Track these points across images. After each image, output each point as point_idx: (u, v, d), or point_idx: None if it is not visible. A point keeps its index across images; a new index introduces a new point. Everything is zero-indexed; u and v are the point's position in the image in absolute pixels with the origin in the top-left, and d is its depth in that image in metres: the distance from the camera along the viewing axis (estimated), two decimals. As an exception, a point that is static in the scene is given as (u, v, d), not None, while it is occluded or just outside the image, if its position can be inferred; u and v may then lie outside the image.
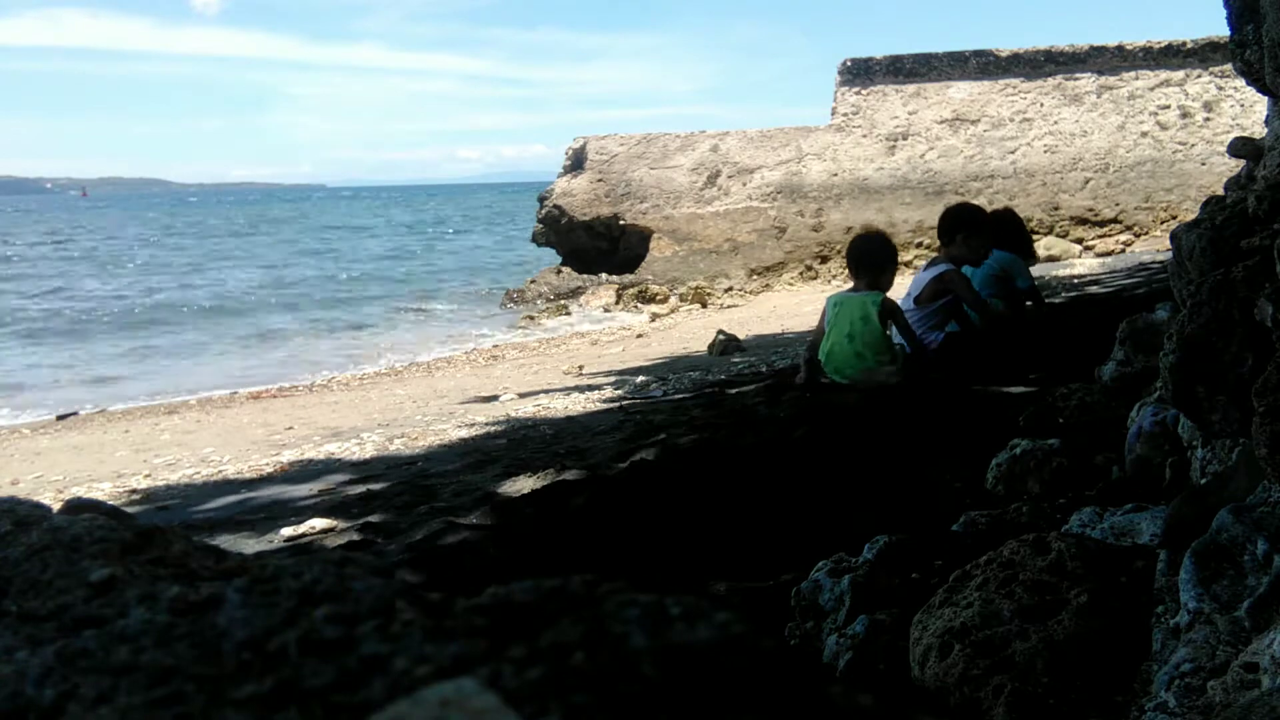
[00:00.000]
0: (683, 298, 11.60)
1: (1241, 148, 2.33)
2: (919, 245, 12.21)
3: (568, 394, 5.62)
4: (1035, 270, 5.67)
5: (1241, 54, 1.87)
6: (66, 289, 18.37)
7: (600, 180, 12.65)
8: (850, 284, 4.36)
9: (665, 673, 0.39)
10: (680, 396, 4.87)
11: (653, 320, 10.69)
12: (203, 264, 24.06)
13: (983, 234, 4.61)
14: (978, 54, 12.57)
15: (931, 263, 4.71)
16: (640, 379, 5.95)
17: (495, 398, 5.94)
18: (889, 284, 4.25)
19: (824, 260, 12.21)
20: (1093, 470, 2.21)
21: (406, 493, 3.35)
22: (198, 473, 4.34)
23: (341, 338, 11.81)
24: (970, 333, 4.43)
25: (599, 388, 5.74)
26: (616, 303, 11.66)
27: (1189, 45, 12.32)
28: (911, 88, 12.64)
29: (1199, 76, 12.41)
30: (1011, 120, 12.57)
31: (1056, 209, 12.29)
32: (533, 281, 13.50)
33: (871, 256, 4.25)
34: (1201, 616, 1.21)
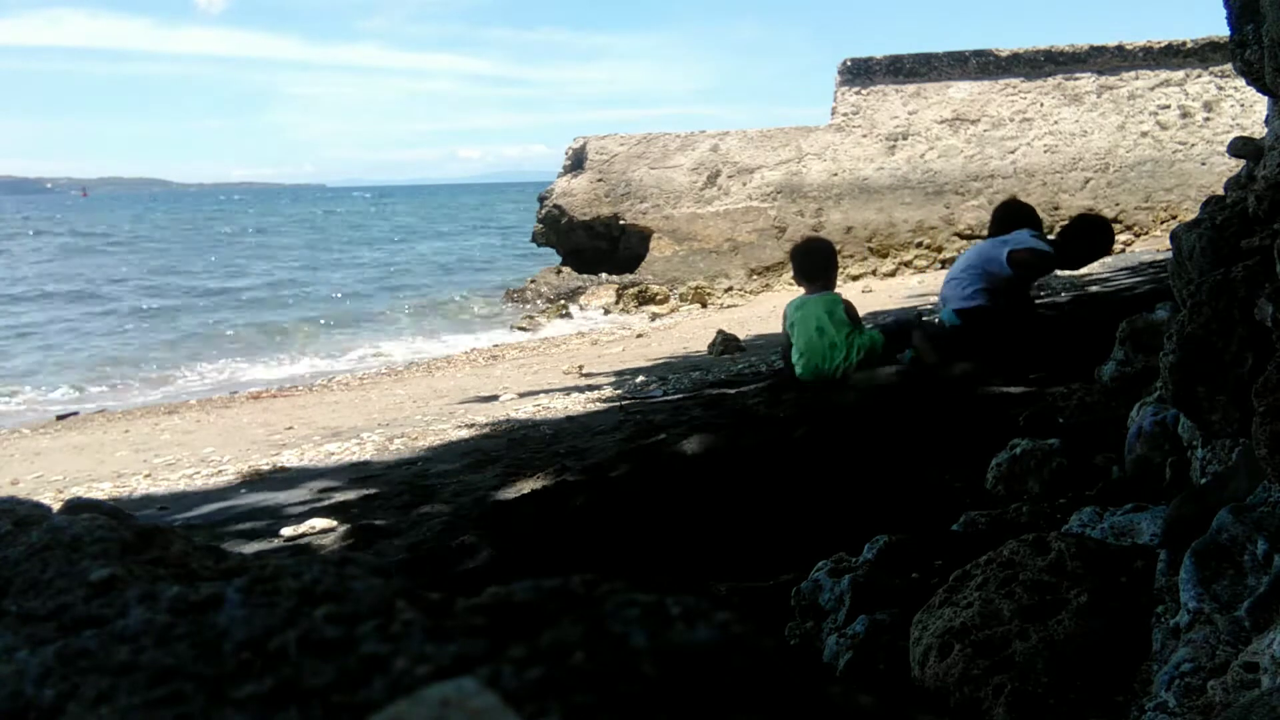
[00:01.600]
0: (683, 298, 11.60)
1: (1241, 148, 2.33)
2: (919, 245, 12.22)
3: (568, 394, 5.62)
4: None
5: (1241, 54, 1.87)
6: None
7: (600, 180, 12.65)
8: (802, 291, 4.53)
9: (665, 673, 0.39)
10: (680, 396, 4.87)
11: (653, 320, 10.69)
12: (216, 264, 24.12)
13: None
14: (978, 54, 12.57)
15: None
16: (640, 379, 5.95)
17: (495, 398, 5.94)
18: (834, 285, 4.49)
19: (824, 260, 12.20)
20: (1093, 470, 2.21)
21: (406, 493, 3.35)
22: (198, 473, 4.34)
23: (342, 337, 11.82)
24: (1004, 312, 4.42)
25: (599, 388, 5.74)
26: (616, 303, 11.66)
27: (1189, 45, 12.32)
28: (911, 88, 12.64)
29: (1199, 76, 12.41)
30: (1011, 120, 12.57)
31: (1056, 209, 12.28)
32: (533, 281, 13.50)
33: (817, 263, 4.50)
34: (1201, 616, 1.21)
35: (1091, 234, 4.69)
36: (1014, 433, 2.55)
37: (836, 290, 4.46)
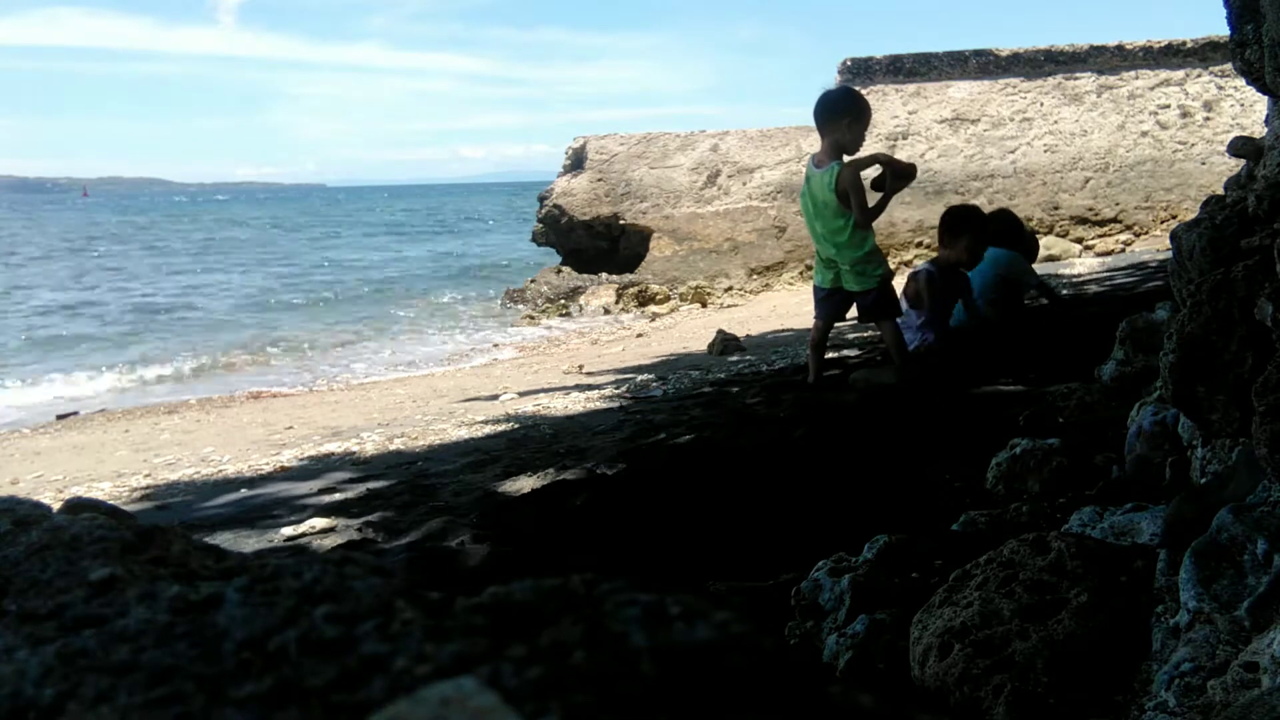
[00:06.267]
0: (683, 297, 11.60)
1: (1241, 147, 2.33)
2: (919, 245, 12.21)
3: (568, 394, 5.62)
4: (1038, 270, 5.74)
5: (1241, 53, 1.87)
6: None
7: (600, 180, 12.65)
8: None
9: (665, 672, 0.39)
10: (680, 396, 4.87)
11: (653, 320, 10.68)
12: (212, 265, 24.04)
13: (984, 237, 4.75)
14: (978, 54, 12.57)
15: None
16: (640, 379, 5.94)
17: (495, 397, 5.94)
18: (849, 139, 4.04)
19: (824, 260, 12.21)
20: (1093, 470, 2.21)
21: (406, 493, 3.35)
22: (198, 472, 4.33)
23: (341, 337, 11.81)
24: (976, 327, 4.53)
25: (599, 387, 5.73)
26: (616, 302, 11.66)
27: (1189, 45, 12.31)
28: (911, 87, 12.64)
29: (1199, 76, 12.41)
30: (1011, 120, 12.56)
31: (1056, 208, 12.29)
32: (533, 281, 13.49)
33: (825, 111, 4.08)
34: (1201, 616, 1.21)
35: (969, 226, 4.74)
36: (1014, 432, 2.55)
37: (846, 151, 4.06)
